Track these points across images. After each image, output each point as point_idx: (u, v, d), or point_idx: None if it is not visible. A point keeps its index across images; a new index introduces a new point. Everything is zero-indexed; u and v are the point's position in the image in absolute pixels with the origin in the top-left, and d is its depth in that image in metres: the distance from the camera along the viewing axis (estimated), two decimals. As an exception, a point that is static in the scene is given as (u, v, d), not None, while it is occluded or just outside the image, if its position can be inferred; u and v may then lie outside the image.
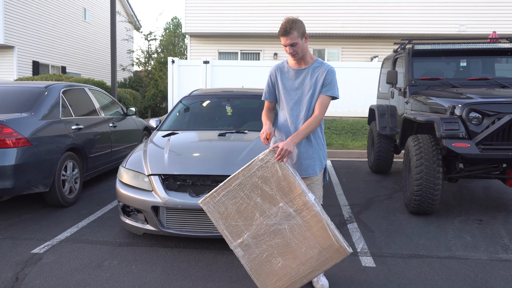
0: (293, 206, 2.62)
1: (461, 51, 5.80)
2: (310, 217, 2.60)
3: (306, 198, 2.59)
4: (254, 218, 2.68)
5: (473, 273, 3.29)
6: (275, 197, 2.64)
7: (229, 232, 2.73)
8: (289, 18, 2.74)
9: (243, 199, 2.68)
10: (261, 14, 15.27)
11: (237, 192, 2.67)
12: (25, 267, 3.35)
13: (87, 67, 21.21)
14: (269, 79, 3.00)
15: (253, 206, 2.67)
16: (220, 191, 2.70)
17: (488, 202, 5.36)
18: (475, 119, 4.31)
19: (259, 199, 2.66)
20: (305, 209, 2.60)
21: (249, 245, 2.71)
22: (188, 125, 5.18)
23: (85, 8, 21.22)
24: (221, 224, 2.73)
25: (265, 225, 2.67)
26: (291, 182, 2.60)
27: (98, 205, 5.12)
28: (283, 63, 2.99)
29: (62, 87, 5.51)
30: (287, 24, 2.70)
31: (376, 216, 4.75)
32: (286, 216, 2.64)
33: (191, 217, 3.57)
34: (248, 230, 2.70)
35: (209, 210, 2.73)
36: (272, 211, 2.65)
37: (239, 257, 2.74)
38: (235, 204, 2.69)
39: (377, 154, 6.80)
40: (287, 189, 2.61)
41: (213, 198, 2.71)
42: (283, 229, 2.65)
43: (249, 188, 2.66)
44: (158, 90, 15.86)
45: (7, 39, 15.49)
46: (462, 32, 14.82)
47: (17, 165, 4.31)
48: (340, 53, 16.04)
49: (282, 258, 2.69)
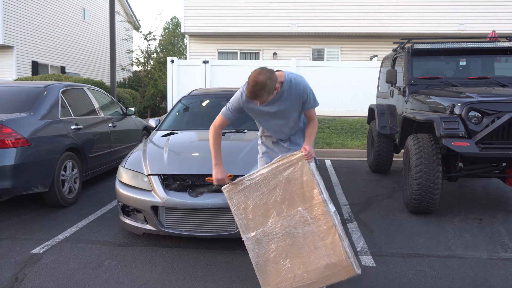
0: (311, 213, 2.60)
1: (461, 50, 5.80)
2: (326, 228, 2.58)
3: (326, 209, 2.57)
4: (270, 216, 2.68)
5: (473, 272, 3.29)
6: (296, 200, 2.63)
7: (244, 224, 2.73)
8: (260, 81, 2.47)
9: (264, 194, 2.68)
10: (260, 13, 15.26)
11: (260, 187, 2.68)
12: (24, 267, 3.34)
13: (86, 67, 21.20)
14: (238, 103, 2.81)
15: (272, 204, 2.67)
16: (244, 182, 2.71)
17: (488, 201, 5.36)
18: (474, 118, 4.31)
19: (279, 198, 2.66)
20: (322, 218, 2.58)
21: (260, 240, 2.71)
22: (188, 124, 5.18)
23: (84, 8, 21.21)
24: (238, 214, 2.74)
25: (280, 225, 2.66)
26: (314, 189, 2.59)
27: (98, 205, 5.11)
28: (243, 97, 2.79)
29: (61, 87, 5.50)
30: (256, 89, 2.48)
31: (375, 215, 4.74)
32: (302, 221, 2.62)
33: (191, 217, 3.57)
34: (262, 226, 2.70)
35: (229, 198, 2.75)
36: (289, 213, 2.64)
37: (248, 250, 2.74)
38: (255, 198, 2.70)
39: (377, 154, 6.80)
40: (308, 195, 2.60)
41: (236, 187, 2.73)
42: (296, 233, 2.64)
43: (272, 185, 2.66)
44: (158, 90, 15.85)
45: (6, 39, 15.47)
46: (461, 31, 14.82)
47: (17, 165, 4.30)
48: (339, 52, 16.03)
49: (289, 261, 2.67)
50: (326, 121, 11.79)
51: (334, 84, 12.90)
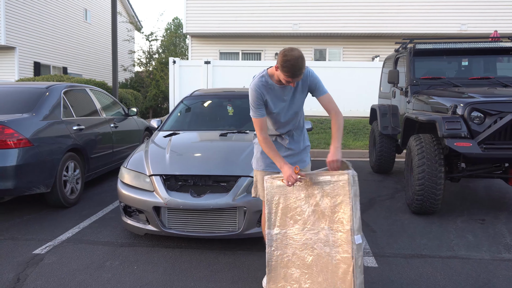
0: (334, 236, 2.53)
1: (463, 51, 5.78)
2: (344, 257, 2.50)
3: (351, 239, 2.48)
4: (297, 222, 2.64)
5: (476, 273, 3.28)
6: (325, 217, 2.57)
7: (272, 218, 2.69)
8: (299, 55, 2.40)
9: (299, 200, 2.63)
10: (262, 14, 15.26)
11: (299, 190, 2.63)
12: (26, 268, 3.34)
13: (88, 67, 21.24)
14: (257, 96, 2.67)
15: (302, 211, 2.63)
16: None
17: (490, 201, 5.34)
18: (477, 118, 4.29)
19: (310, 209, 2.60)
20: (343, 246, 2.50)
21: (280, 240, 2.68)
22: (190, 125, 5.18)
23: (86, 8, 21.25)
24: (268, 208, 2.69)
25: (302, 235, 2.63)
26: (346, 215, 2.50)
27: (100, 205, 5.11)
28: (265, 78, 2.67)
29: (63, 87, 5.51)
30: (301, 64, 2.40)
31: (378, 216, 4.73)
32: (324, 240, 2.57)
33: (193, 217, 3.57)
34: (287, 228, 2.66)
35: (267, 189, 2.70)
36: (315, 227, 2.59)
37: (267, 244, 2.71)
38: (290, 199, 2.65)
39: (379, 154, 6.79)
40: (338, 218, 2.52)
41: (276, 182, 2.67)
42: (314, 249, 2.60)
43: (309, 194, 2.61)
44: (160, 91, 15.86)
45: (8, 40, 15.51)
46: (463, 31, 14.79)
47: (19, 166, 4.31)
48: (341, 52, 16.02)
49: (299, 272, 2.65)
50: (327, 122, 11.78)
51: (336, 84, 12.88)
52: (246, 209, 3.49)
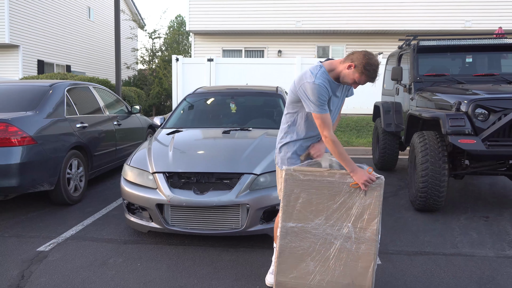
0: (358, 234, 2.59)
1: (467, 47, 5.75)
2: (366, 253, 2.58)
3: (374, 237, 2.58)
4: (318, 217, 2.63)
5: (480, 270, 3.27)
6: (350, 216, 2.60)
7: (288, 212, 2.65)
8: (379, 62, 2.53)
9: (323, 195, 2.61)
10: (265, 11, 15.22)
11: (322, 187, 2.61)
12: (30, 265, 3.36)
13: (91, 65, 21.27)
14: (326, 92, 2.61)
15: (325, 208, 2.62)
16: (309, 175, 2.61)
17: (495, 198, 5.32)
18: (481, 115, 4.27)
19: (335, 206, 2.61)
20: (367, 243, 2.58)
21: (296, 233, 2.66)
22: (193, 122, 5.18)
23: (89, 6, 21.27)
24: (286, 201, 2.65)
25: (322, 230, 2.63)
26: (374, 215, 2.58)
27: (103, 203, 5.13)
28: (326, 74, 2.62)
29: (66, 85, 5.52)
30: (378, 68, 2.52)
31: (381, 213, 4.72)
32: (346, 236, 2.61)
33: (196, 215, 3.57)
34: (305, 222, 2.64)
35: (286, 181, 2.63)
36: (338, 223, 2.61)
37: (279, 236, 2.68)
38: (312, 194, 2.62)
39: (382, 151, 6.77)
40: (364, 218, 2.58)
41: (297, 175, 2.62)
42: (334, 243, 2.62)
43: (335, 191, 2.60)
44: (163, 88, 15.88)
45: (12, 38, 15.55)
46: (467, 28, 14.71)
47: (23, 164, 4.32)
48: (344, 50, 15.96)
49: (313, 264, 2.65)
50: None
51: (339, 81, 12.82)
52: (249, 206, 3.49)
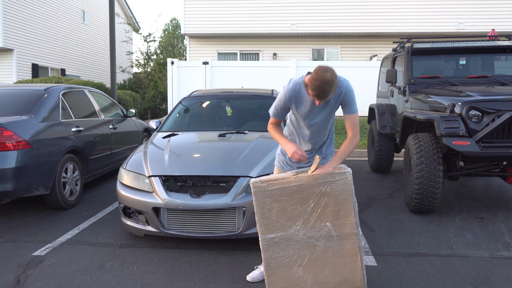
0: (339, 231, 2.61)
1: (460, 49, 5.80)
2: (351, 248, 2.62)
3: (355, 231, 2.61)
4: (295, 223, 2.64)
5: (475, 271, 3.29)
6: (327, 215, 2.61)
7: (265, 224, 2.66)
8: (329, 79, 2.35)
9: (295, 201, 2.63)
10: (260, 14, 15.27)
11: (292, 193, 2.62)
12: (26, 270, 3.35)
13: (86, 69, 21.22)
14: (284, 101, 2.70)
15: (301, 212, 2.63)
16: (276, 183, 2.62)
17: (489, 200, 5.36)
18: (475, 117, 4.31)
19: (309, 209, 2.62)
20: (349, 239, 2.61)
21: (278, 244, 2.67)
22: (188, 126, 5.18)
23: (84, 10, 21.23)
24: (260, 213, 2.66)
25: (302, 234, 2.64)
26: (349, 210, 2.60)
27: (99, 207, 5.12)
28: (299, 86, 2.66)
29: (61, 89, 5.51)
30: (328, 89, 2.37)
31: (377, 215, 4.74)
32: (327, 236, 2.63)
33: (192, 218, 3.57)
34: (284, 230, 2.66)
35: (256, 194, 2.65)
36: (316, 225, 2.63)
37: (263, 250, 2.69)
38: (284, 202, 2.63)
39: (378, 153, 6.80)
40: (341, 214, 2.61)
41: (266, 187, 2.63)
42: (317, 245, 2.64)
43: (306, 195, 2.61)
44: (158, 92, 15.86)
45: (6, 42, 15.49)
46: (461, 30, 14.82)
47: (18, 168, 4.31)
48: (339, 52, 16.03)
49: (302, 270, 2.67)
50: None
51: (334, 84, 12.86)
52: (245, 209, 3.50)
